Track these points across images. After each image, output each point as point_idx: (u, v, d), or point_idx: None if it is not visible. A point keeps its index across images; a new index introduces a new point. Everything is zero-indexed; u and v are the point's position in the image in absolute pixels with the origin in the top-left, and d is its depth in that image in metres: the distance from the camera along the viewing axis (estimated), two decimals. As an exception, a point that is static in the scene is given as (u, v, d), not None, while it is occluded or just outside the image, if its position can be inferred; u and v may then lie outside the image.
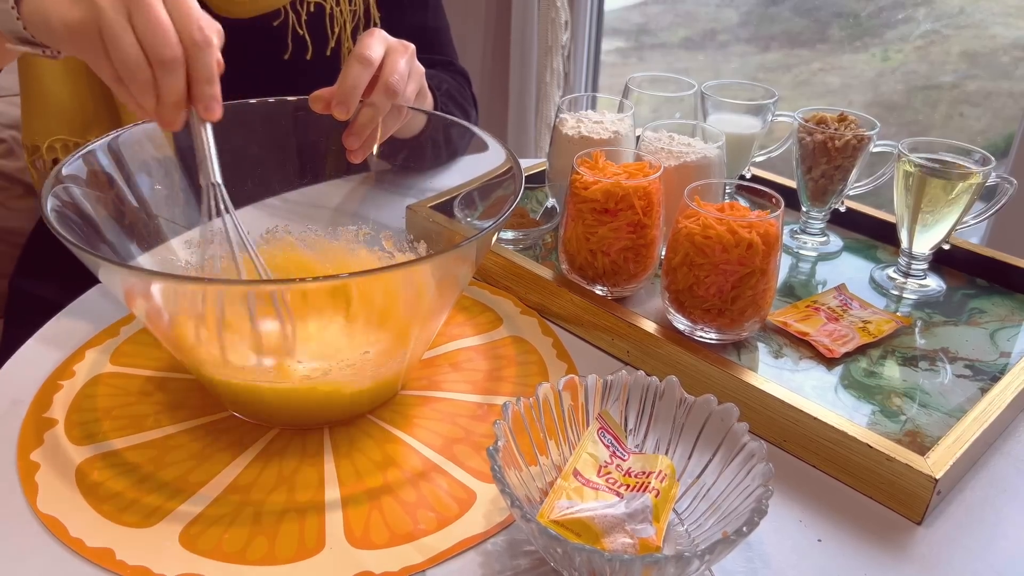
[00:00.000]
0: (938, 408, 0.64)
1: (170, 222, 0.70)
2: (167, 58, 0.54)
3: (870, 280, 0.80)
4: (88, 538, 0.52)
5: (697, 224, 0.65)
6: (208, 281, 0.59)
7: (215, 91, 0.57)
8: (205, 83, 0.56)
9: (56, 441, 0.59)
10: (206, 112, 0.57)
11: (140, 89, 0.55)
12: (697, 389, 0.61)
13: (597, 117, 0.84)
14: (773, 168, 0.95)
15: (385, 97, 0.68)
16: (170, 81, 0.55)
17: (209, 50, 0.56)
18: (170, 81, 0.55)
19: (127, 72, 0.55)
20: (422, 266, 0.57)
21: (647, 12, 2.76)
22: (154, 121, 0.58)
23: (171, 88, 0.55)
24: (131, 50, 0.54)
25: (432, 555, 0.52)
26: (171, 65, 0.54)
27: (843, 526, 0.55)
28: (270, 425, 0.61)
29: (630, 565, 0.44)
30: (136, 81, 0.55)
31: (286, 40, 0.94)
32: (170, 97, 0.56)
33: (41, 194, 0.57)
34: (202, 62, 0.56)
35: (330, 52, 0.96)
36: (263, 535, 0.53)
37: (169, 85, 0.55)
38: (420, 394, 0.65)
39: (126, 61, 0.54)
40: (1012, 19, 1.86)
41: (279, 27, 0.93)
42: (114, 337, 0.70)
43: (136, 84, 0.55)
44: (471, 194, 0.80)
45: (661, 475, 0.52)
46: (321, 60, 0.96)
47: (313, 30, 0.94)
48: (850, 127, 0.81)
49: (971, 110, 1.94)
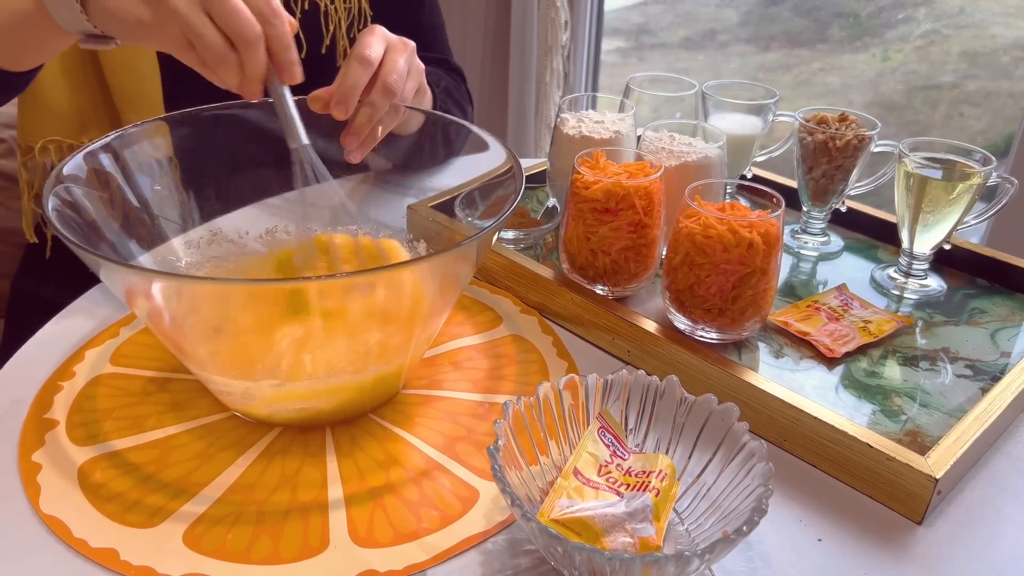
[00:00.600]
0: (938, 408, 0.64)
1: (170, 222, 0.70)
2: (251, 38, 0.58)
3: (871, 280, 0.80)
4: (92, 539, 0.52)
5: (698, 224, 0.65)
6: (209, 280, 0.59)
7: (294, 56, 0.61)
8: (284, 50, 0.60)
9: (57, 442, 0.59)
10: (290, 77, 0.61)
11: (228, 71, 0.59)
12: (697, 389, 0.61)
13: (598, 117, 0.84)
14: (774, 168, 0.95)
15: (384, 97, 0.69)
16: (254, 57, 0.59)
17: (281, 19, 0.59)
18: (254, 57, 0.59)
19: (215, 59, 0.58)
20: (423, 265, 0.57)
21: (647, 12, 2.76)
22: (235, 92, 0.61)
23: (256, 63, 0.59)
24: (216, 38, 0.58)
25: (436, 553, 0.52)
26: (255, 43, 0.58)
27: (843, 526, 0.55)
28: (271, 425, 0.61)
29: (630, 564, 0.44)
30: (224, 64, 0.59)
31: None
32: (256, 72, 0.60)
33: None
34: (279, 31, 0.60)
35: (325, 50, 0.96)
36: (267, 534, 0.53)
37: (254, 61, 0.59)
38: (421, 393, 0.65)
39: (214, 50, 0.58)
40: (1012, 19, 1.86)
41: None
42: (114, 338, 0.70)
43: (224, 66, 0.59)
44: (472, 194, 0.80)
45: (661, 474, 0.52)
46: (316, 58, 0.96)
47: (307, 28, 0.94)
48: (851, 127, 0.81)
49: (971, 110, 1.94)
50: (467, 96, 1.06)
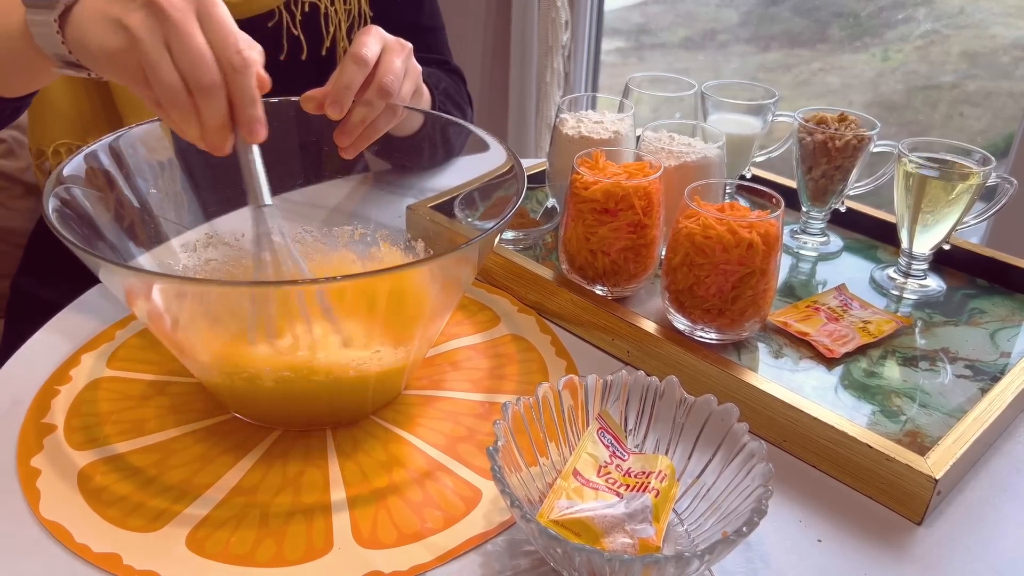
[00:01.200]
0: (938, 408, 0.64)
1: (171, 222, 0.70)
2: (205, 84, 0.54)
3: (870, 280, 0.80)
4: (93, 543, 0.52)
5: (697, 224, 0.65)
6: (208, 282, 0.59)
7: (258, 113, 0.56)
8: (247, 105, 0.56)
9: (56, 446, 0.59)
10: (250, 135, 0.57)
11: (181, 115, 0.55)
12: (697, 389, 0.61)
13: (597, 117, 0.84)
14: (773, 168, 0.95)
15: (379, 97, 0.68)
16: (211, 106, 0.54)
17: (248, 72, 0.55)
18: (211, 106, 0.54)
19: (167, 98, 0.54)
20: (426, 267, 0.57)
21: (647, 12, 2.76)
22: (202, 147, 0.57)
23: (213, 113, 0.55)
24: (169, 77, 0.54)
25: (441, 553, 0.52)
26: (209, 90, 0.54)
27: (843, 526, 0.55)
28: (273, 426, 0.61)
29: (630, 565, 0.44)
30: (176, 107, 0.55)
31: (281, 41, 0.93)
32: (212, 121, 0.55)
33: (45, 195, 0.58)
34: (242, 85, 0.55)
35: (325, 52, 0.96)
36: (271, 537, 0.53)
37: (210, 110, 0.55)
38: (422, 394, 0.65)
39: (165, 88, 0.54)
40: (1012, 19, 1.86)
41: (274, 28, 0.92)
42: (110, 341, 0.70)
43: (176, 110, 0.55)
44: (472, 194, 0.80)
45: (661, 475, 0.52)
46: (317, 60, 0.96)
47: (308, 30, 0.94)
48: (850, 127, 0.81)
49: (971, 110, 1.94)
50: (467, 98, 1.06)
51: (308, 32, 0.94)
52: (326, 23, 0.95)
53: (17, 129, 1.16)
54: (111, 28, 0.55)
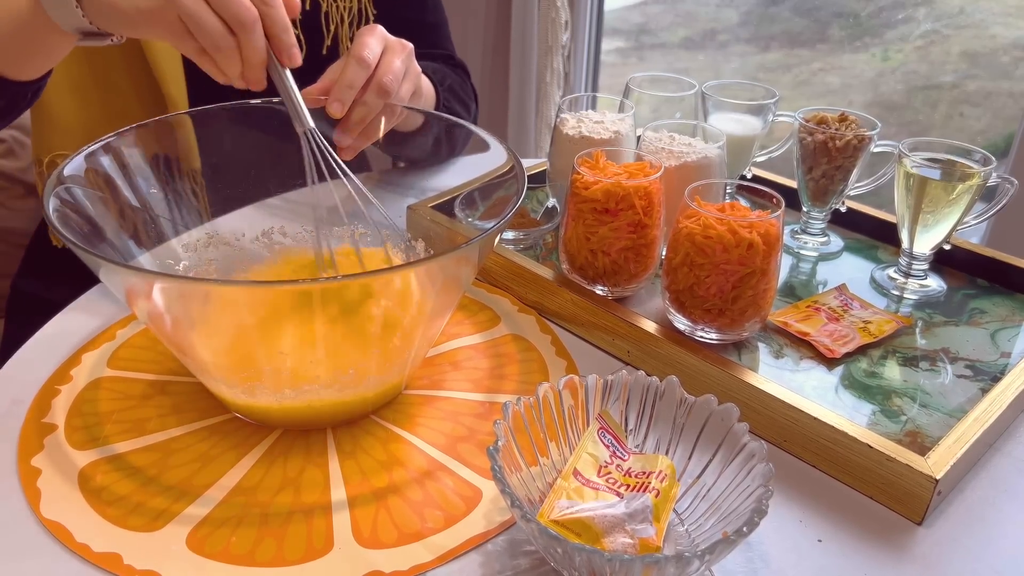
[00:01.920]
0: (938, 408, 0.64)
1: (171, 222, 0.70)
2: (248, 20, 0.58)
3: (870, 280, 0.80)
4: (94, 543, 0.52)
5: (698, 224, 0.65)
6: (208, 282, 0.59)
7: (292, 38, 0.61)
8: (283, 33, 0.61)
9: (57, 446, 0.59)
10: (289, 59, 0.62)
11: (225, 57, 0.59)
12: (697, 389, 0.61)
13: (597, 117, 0.84)
14: (774, 168, 0.95)
15: (378, 97, 0.70)
16: (253, 40, 0.59)
17: (278, 3, 0.60)
18: (253, 40, 0.59)
19: (213, 44, 0.59)
20: (426, 267, 0.57)
21: (647, 12, 2.76)
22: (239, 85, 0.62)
23: (255, 47, 0.59)
24: (214, 24, 0.58)
25: (441, 553, 0.52)
26: (252, 26, 0.59)
27: (843, 526, 0.55)
28: (273, 426, 0.62)
29: (630, 565, 0.44)
30: (222, 50, 0.59)
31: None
32: (256, 56, 0.60)
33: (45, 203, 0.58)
34: (276, 13, 0.60)
35: (326, 50, 0.96)
36: (271, 536, 0.53)
37: (253, 45, 0.59)
38: (422, 393, 0.65)
39: (210, 32, 0.58)
40: (1012, 19, 1.86)
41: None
42: (110, 341, 0.70)
43: (223, 53, 0.59)
44: (472, 194, 0.80)
45: (661, 475, 0.52)
46: (317, 58, 0.96)
47: (309, 29, 0.94)
48: (851, 127, 0.81)
49: (971, 110, 1.94)
50: (472, 93, 1.06)
51: (309, 31, 0.94)
52: (327, 21, 0.95)
53: (18, 129, 1.17)
54: None
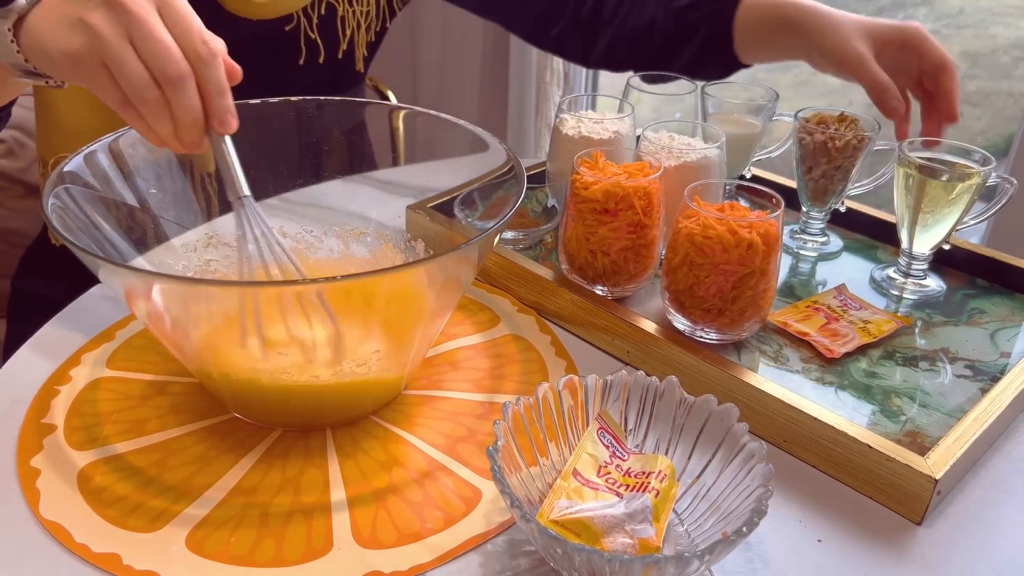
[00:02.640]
0: (938, 408, 0.64)
1: (171, 222, 0.70)
2: (174, 75, 0.53)
3: (870, 280, 0.80)
4: (93, 543, 0.52)
5: (697, 224, 0.65)
6: (208, 282, 0.59)
7: (227, 103, 0.55)
8: (217, 95, 0.55)
9: (56, 447, 0.59)
10: (221, 126, 0.56)
11: (152, 111, 0.54)
12: (697, 389, 0.61)
13: (597, 117, 0.84)
14: (773, 168, 0.95)
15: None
16: (182, 98, 0.53)
17: (216, 62, 0.54)
18: (182, 98, 0.53)
19: (136, 95, 0.53)
20: (426, 267, 0.57)
21: (647, 12, 2.75)
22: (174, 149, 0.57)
23: (185, 106, 0.54)
24: (137, 71, 0.53)
25: (441, 553, 0.52)
26: (179, 81, 0.53)
27: (843, 526, 0.55)
28: (273, 426, 0.61)
29: (630, 565, 0.44)
30: (147, 103, 0.53)
31: (299, 45, 0.93)
32: (186, 116, 0.54)
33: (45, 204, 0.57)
34: (212, 74, 0.54)
35: (342, 55, 0.96)
36: (271, 537, 0.53)
37: (182, 103, 0.54)
38: (422, 393, 0.65)
39: (134, 83, 0.53)
40: (1012, 19, 1.86)
41: (291, 32, 0.92)
42: (110, 341, 0.70)
43: (147, 106, 0.54)
44: (471, 194, 0.80)
45: (661, 475, 0.52)
46: (333, 63, 0.96)
47: (324, 33, 0.94)
48: (850, 127, 0.81)
49: (971, 110, 1.93)
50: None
51: (325, 35, 0.94)
52: (343, 26, 0.95)
53: (18, 130, 1.17)
54: (71, 28, 0.54)
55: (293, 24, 0.92)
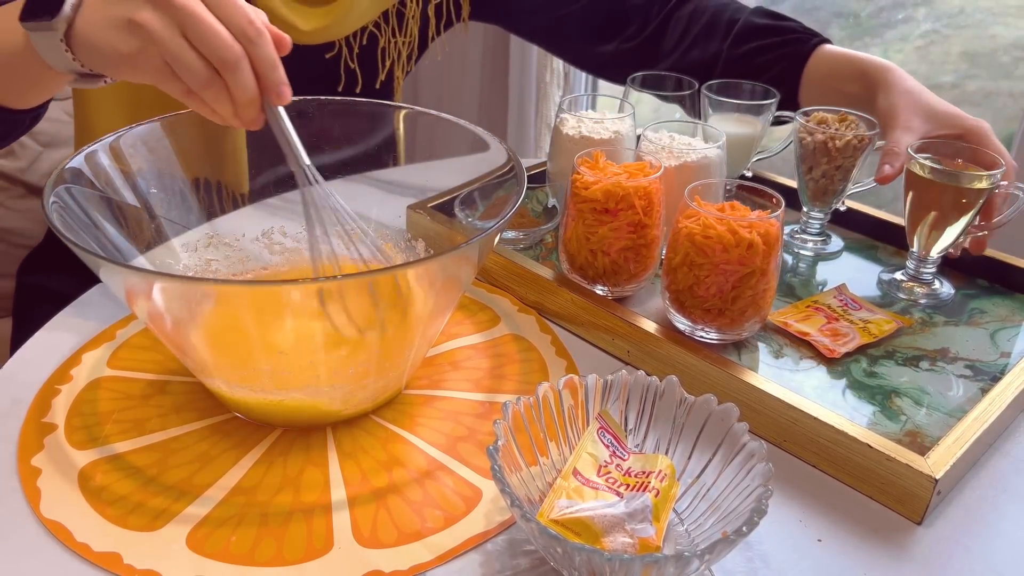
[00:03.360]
0: (938, 408, 0.64)
1: (171, 222, 0.70)
2: (230, 59, 0.55)
3: (878, 283, 0.80)
4: (94, 543, 0.52)
5: (697, 224, 0.65)
6: (208, 282, 0.59)
7: (281, 75, 0.58)
8: (271, 70, 0.57)
9: (57, 446, 0.59)
10: (278, 97, 0.58)
11: (215, 97, 0.57)
12: (697, 389, 0.61)
13: (597, 117, 0.85)
14: (773, 168, 0.95)
15: None
16: (240, 79, 0.56)
17: (264, 39, 0.57)
18: (240, 79, 0.56)
19: (199, 84, 0.56)
20: (426, 267, 0.57)
21: (647, 12, 2.75)
22: (235, 127, 0.59)
23: (243, 86, 0.56)
24: (197, 63, 0.55)
25: (441, 553, 0.52)
26: (236, 65, 0.56)
27: (843, 526, 0.55)
28: (273, 426, 0.62)
29: (630, 565, 0.44)
30: (210, 90, 0.56)
31: (339, 73, 0.94)
32: (245, 95, 0.57)
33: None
34: (263, 51, 0.57)
35: (380, 84, 0.96)
36: (271, 536, 0.53)
37: (240, 83, 0.56)
38: (422, 393, 0.65)
39: (194, 73, 0.55)
40: (1012, 19, 1.86)
41: (332, 60, 0.92)
42: (110, 341, 0.70)
43: (210, 92, 0.56)
44: (472, 194, 0.80)
45: (661, 475, 0.52)
46: (371, 92, 0.96)
47: (364, 63, 0.94)
48: (851, 127, 0.81)
49: (971, 110, 1.93)
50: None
51: (364, 65, 0.94)
52: (383, 56, 0.95)
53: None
54: (123, 31, 0.56)
55: (334, 52, 0.92)
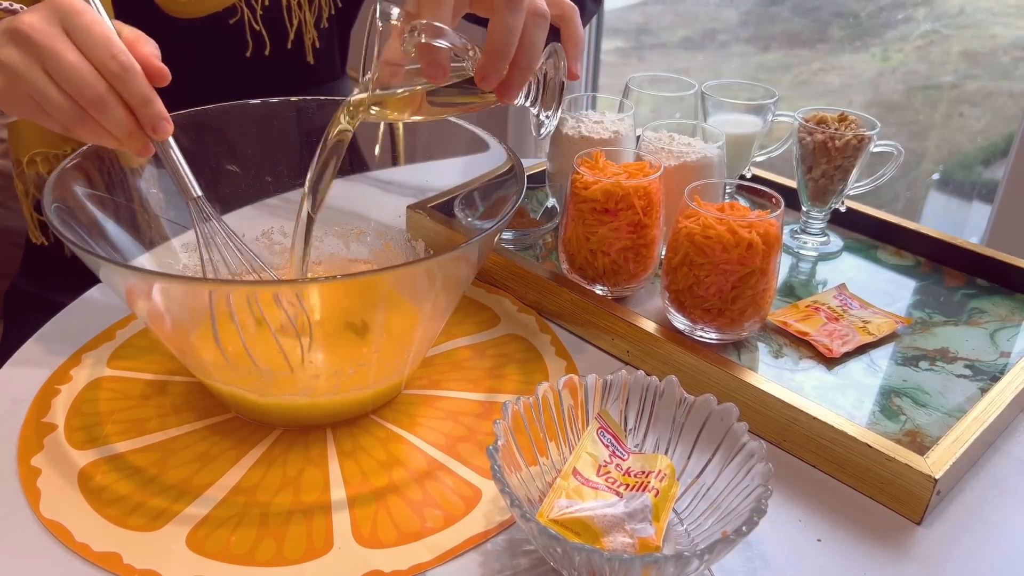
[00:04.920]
0: (938, 408, 0.64)
1: (171, 222, 0.70)
2: (92, 97, 0.53)
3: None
4: (94, 543, 0.52)
5: (697, 224, 0.65)
6: (208, 282, 0.59)
7: (155, 110, 0.55)
8: (142, 106, 0.54)
9: (57, 446, 0.59)
10: (155, 133, 0.56)
11: (90, 131, 0.54)
12: (697, 389, 0.61)
13: (597, 117, 0.84)
14: (773, 168, 0.95)
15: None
16: (109, 116, 0.54)
17: (130, 75, 0.54)
18: (109, 116, 0.54)
19: (68, 122, 0.54)
20: (426, 267, 0.57)
21: (647, 12, 2.75)
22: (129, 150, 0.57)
23: (114, 122, 0.54)
24: (59, 100, 0.53)
25: (441, 553, 0.52)
26: (99, 103, 0.53)
27: (843, 526, 0.55)
28: (273, 426, 0.62)
29: (629, 565, 0.44)
30: (84, 126, 0.54)
31: (245, 38, 0.92)
32: (120, 130, 0.54)
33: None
34: (130, 87, 0.54)
35: (291, 45, 0.96)
36: (271, 536, 0.53)
37: (110, 120, 0.54)
38: (422, 393, 0.65)
39: (63, 113, 0.53)
40: (1012, 19, 1.86)
41: (236, 25, 0.92)
42: (110, 341, 0.70)
43: (85, 127, 0.54)
44: (472, 194, 0.80)
45: (661, 475, 0.52)
46: (283, 54, 0.95)
47: (271, 24, 0.93)
48: (850, 127, 0.81)
49: (971, 110, 1.94)
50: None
51: (270, 26, 0.93)
52: (289, 16, 0.94)
53: (17, 129, 1.16)
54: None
55: (237, 17, 0.91)
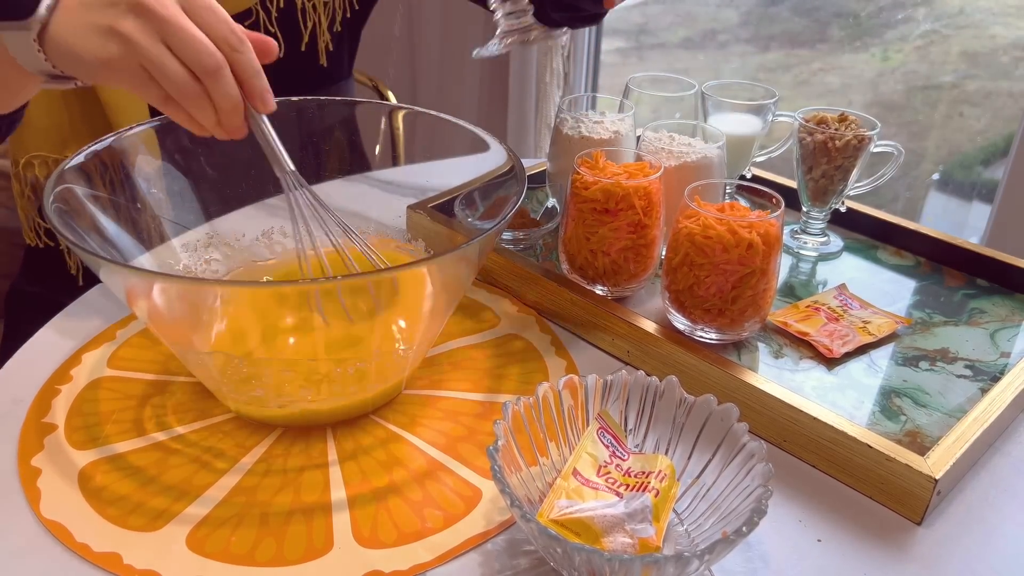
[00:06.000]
0: (938, 408, 0.64)
1: (171, 222, 0.70)
2: (212, 67, 0.55)
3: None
4: (94, 543, 0.52)
5: (697, 224, 0.65)
6: (208, 282, 0.59)
7: (263, 83, 0.58)
8: (253, 77, 0.57)
9: (57, 446, 0.59)
10: (262, 104, 0.58)
11: (196, 105, 0.56)
12: (697, 389, 0.61)
13: (597, 117, 0.84)
14: (773, 168, 0.95)
15: None
16: (222, 87, 0.56)
17: (246, 47, 0.57)
18: (222, 87, 0.56)
19: (179, 91, 0.55)
20: (426, 267, 0.57)
21: (647, 12, 2.75)
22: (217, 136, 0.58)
23: (225, 94, 0.56)
24: (178, 71, 0.55)
25: (441, 553, 0.52)
26: (217, 72, 0.55)
27: (843, 526, 0.55)
28: (273, 426, 0.62)
29: (629, 565, 0.44)
30: (190, 98, 0.56)
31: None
32: (227, 103, 0.56)
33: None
34: (245, 59, 0.56)
35: (305, 48, 0.96)
36: (271, 536, 0.53)
37: (222, 91, 0.56)
38: (422, 393, 0.65)
39: (176, 81, 0.55)
40: (1012, 19, 1.86)
41: (251, 27, 0.92)
42: (111, 341, 0.70)
43: (191, 101, 0.56)
44: (472, 194, 0.80)
45: (661, 475, 0.52)
46: (296, 55, 0.95)
47: (285, 27, 0.94)
48: (851, 127, 0.81)
49: (971, 110, 1.94)
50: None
51: (285, 29, 0.94)
52: (303, 18, 0.94)
53: (17, 129, 1.16)
54: (104, 37, 0.55)
55: (252, 20, 0.92)
